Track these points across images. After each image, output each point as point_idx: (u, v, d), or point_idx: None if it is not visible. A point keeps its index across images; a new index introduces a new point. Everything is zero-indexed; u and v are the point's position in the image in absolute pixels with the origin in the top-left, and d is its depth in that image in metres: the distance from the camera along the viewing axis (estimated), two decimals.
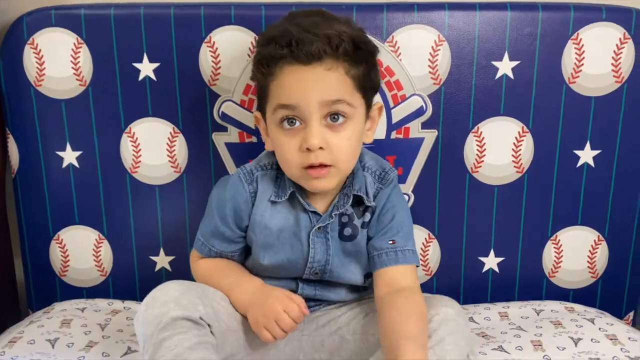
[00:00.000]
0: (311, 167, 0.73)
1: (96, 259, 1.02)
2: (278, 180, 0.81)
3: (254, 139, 0.96)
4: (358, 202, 0.80)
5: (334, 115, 0.73)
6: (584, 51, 0.92)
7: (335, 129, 0.73)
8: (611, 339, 0.84)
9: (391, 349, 0.67)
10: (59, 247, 1.01)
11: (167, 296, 0.70)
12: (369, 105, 0.78)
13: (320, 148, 0.72)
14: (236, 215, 0.80)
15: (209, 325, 0.71)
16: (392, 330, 0.69)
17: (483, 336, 0.87)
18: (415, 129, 0.95)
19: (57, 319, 0.90)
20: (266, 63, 0.74)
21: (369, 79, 0.76)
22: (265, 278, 0.82)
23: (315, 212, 0.79)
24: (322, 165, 0.73)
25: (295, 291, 0.81)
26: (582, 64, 0.93)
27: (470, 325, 0.85)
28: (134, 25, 0.92)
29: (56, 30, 0.93)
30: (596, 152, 0.96)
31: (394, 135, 0.95)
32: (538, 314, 0.94)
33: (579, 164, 0.97)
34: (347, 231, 0.80)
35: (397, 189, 0.82)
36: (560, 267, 1.01)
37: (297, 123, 0.73)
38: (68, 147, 0.97)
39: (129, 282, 1.02)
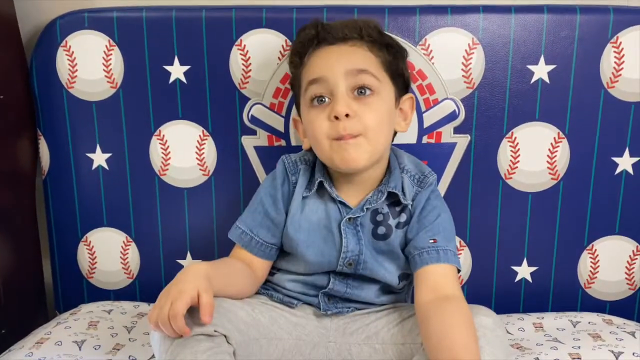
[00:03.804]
0: (341, 138, 0.75)
1: (123, 262, 1.02)
2: (312, 176, 0.82)
3: (282, 143, 0.95)
4: (395, 202, 0.80)
5: (360, 89, 0.75)
6: (623, 55, 0.90)
7: (362, 100, 0.75)
8: None
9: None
10: (86, 249, 1.02)
11: None
12: (399, 91, 0.80)
13: (347, 115, 0.73)
14: (284, 201, 0.81)
15: (224, 335, 0.70)
16: (441, 340, 0.66)
17: (518, 347, 0.84)
18: (447, 134, 0.93)
19: (84, 321, 0.90)
20: (297, 53, 0.80)
21: (395, 65, 0.79)
22: (298, 275, 0.82)
23: (343, 203, 0.79)
24: (351, 136, 0.74)
25: (326, 286, 0.80)
26: (622, 68, 0.90)
27: None
28: (166, 28, 0.93)
29: (89, 32, 0.94)
30: (635, 159, 0.93)
31: (425, 139, 0.94)
32: (574, 326, 0.91)
33: (617, 171, 0.94)
34: (381, 230, 0.79)
35: (436, 192, 0.82)
36: (596, 277, 0.98)
37: (326, 99, 0.76)
38: (98, 149, 0.98)
39: (155, 285, 1.01)
